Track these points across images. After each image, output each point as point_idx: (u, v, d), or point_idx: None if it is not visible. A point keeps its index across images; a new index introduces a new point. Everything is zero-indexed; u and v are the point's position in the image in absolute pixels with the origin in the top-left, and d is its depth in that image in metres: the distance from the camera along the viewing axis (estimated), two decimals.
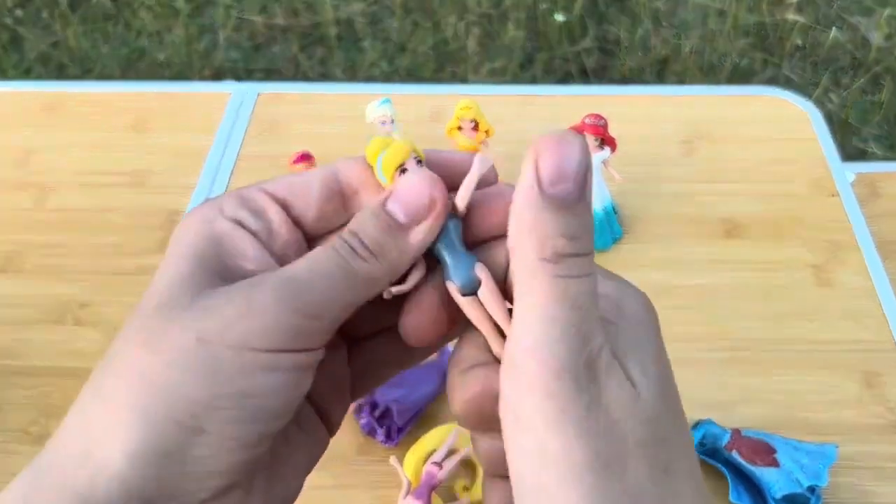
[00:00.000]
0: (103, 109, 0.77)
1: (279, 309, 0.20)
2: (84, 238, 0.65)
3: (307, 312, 0.20)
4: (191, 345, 0.20)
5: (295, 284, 0.21)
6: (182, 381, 0.20)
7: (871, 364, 0.55)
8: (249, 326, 0.20)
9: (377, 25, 1.65)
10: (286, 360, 0.20)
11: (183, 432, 0.20)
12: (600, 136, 0.58)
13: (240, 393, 0.20)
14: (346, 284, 0.21)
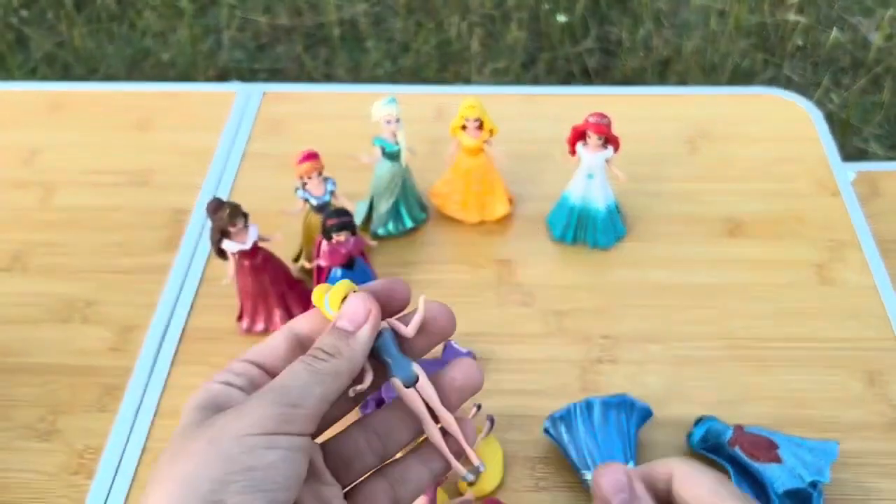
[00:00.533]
0: (108, 109, 0.77)
1: (265, 404, 0.28)
2: (89, 237, 0.66)
3: (287, 402, 0.28)
4: (204, 445, 0.27)
5: (275, 388, 0.28)
6: (200, 470, 0.26)
7: (873, 362, 0.56)
8: (244, 421, 0.27)
9: (380, 26, 1.65)
10: (280, 440, 0.27)
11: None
12: (604, 134, 0.58)
13: (246, 468, 0.26)
14: (314, 379, 0.29)
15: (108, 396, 0.55)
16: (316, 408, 0.29)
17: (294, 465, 0.27)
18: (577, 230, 0.63)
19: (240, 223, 0.53)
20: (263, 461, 0.27)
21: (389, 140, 0.60)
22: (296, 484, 0.28)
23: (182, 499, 0.26)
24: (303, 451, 0.28)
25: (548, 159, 0.70)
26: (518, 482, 0.50)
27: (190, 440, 0.27)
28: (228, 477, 0.26)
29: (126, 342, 0.58)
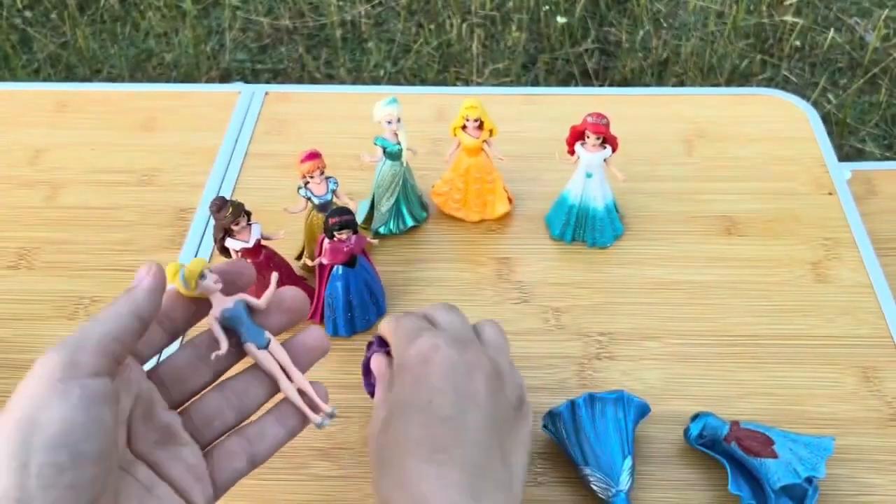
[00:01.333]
0: (113, 109, 0.78)
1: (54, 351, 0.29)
2: (94, 235, 0.66)
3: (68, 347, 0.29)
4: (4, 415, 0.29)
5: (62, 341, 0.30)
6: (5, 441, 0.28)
7: (868, 359, 0.56)
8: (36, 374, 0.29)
9: (382, 27, 1.66)
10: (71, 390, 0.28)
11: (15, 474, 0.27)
12: (602, 134, 0.59)
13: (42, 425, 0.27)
14: (91, 324, 0.31)
15: None
16: (100, 345, 0.30)
17: (92, 412, 0.28)
18: (576, 229, 0.64)
19: (243, 222, 0.54)
20: (55, 414, 0.27)
21: (390, 140, 0.61)
22: (99, 431, 0.28)
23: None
24: (102, 397, 0.29)
25: (547, 159, 0.71)
26: None
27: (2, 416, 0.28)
28: (27, 439, 0.27)
29: None
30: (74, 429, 0.27)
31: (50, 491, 0.26)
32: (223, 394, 0.36)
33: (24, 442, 0.27)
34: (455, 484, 0.33)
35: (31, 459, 0.26)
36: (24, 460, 0.26)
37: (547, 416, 0.51)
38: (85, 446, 0.27)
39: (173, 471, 0.33)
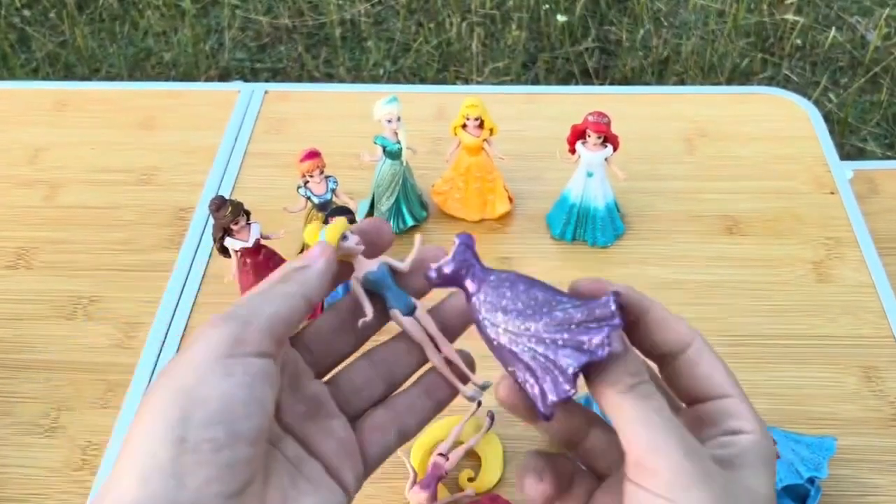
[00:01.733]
0: (112, 108, 0.78)
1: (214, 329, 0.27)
2: (93, 234, 0.66)
3: (237, 321, 0.27)
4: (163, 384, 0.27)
5: (226, 312, 0.28)
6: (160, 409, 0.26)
7: (870, 359, 0.56)
8: (200, 346, 0.27)
9: (381, 26, 1.66)
10: (236, 367, 0.27)
11: (169, 447, 0.25)
12: (603, 133, 0.59)
13: (202, 399, 0.26)
14: (262, 300, 0.29)
15: (111, 393, 0.56)
16: (269, 325, 0.28)
17: (254, 392, 0.27)
18: (577, 228, 0.64)
19: (242, 221, 0.53)
20: (218, 389, 0.26)
21: (390, 139, 0.61)
22: (259, 411, 0.27)
23: (148, 441, 0.25)
24: (264, 376, 0.27)
25: (548, 158, 0.70)
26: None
27: (157, 379, 0.27)
28: (186, 412, 0.25)
29: (129, 339, 0.59)
30: (235, 407, 0.26)
31: (205, 468, 0.25)
32: (371, 362, 0.34)
33: (184, 414, 0.25)
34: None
35: (189, 433, 0.25)
36: (181, 434, 0.25)
37: None
38: (244, 425, 0.26)
39: (323, 446, 0.31)
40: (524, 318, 0.29)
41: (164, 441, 0.25)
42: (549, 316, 0.29)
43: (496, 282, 0.30)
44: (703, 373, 0.29)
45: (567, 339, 0.28)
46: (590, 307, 0.28)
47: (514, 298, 0.29)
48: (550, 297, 0.29)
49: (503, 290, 0.30)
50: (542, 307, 0.29)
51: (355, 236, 0.33)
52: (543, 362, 0.28)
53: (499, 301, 0.30)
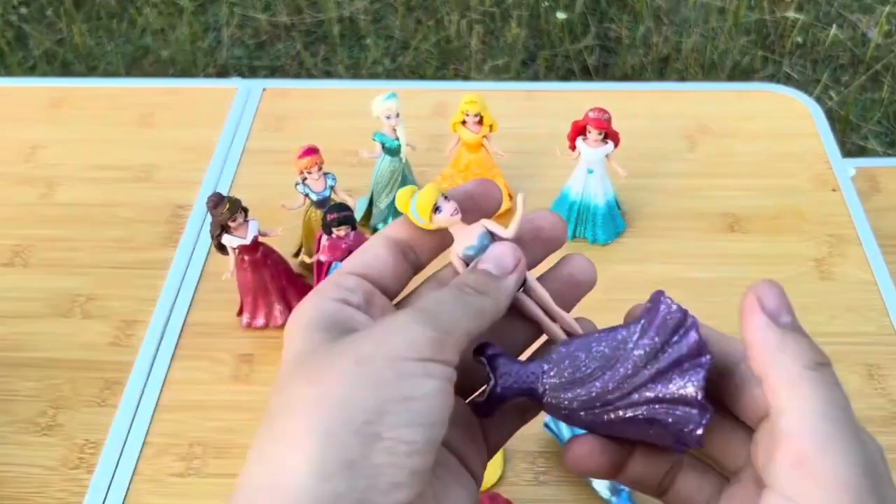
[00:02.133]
0: (109, 105, 0.77)
1: (415, 325, 0.24)
2: (90, 232, 0.66)
3: (439, 328, 0.24)
4: (351, 366, 0.23)
5: (425, 310, 0.25)
6: (352, 395, 0.22)
7: (873, 356, 0.56)
8: (398, 341, 0.23)
9: (380, 23, 1.65)
10: (435, 368, 0.24)
11: (361, 441, 0.22)
12: (604, 130, 0.58)
13: (404, 397, 0.22)
14: (464, 311, 0.25)
15: (108, 391, 0.56)
16: (463, 340, 0.25)
17: (448, 398, 0.24)
18: (577, 225, 0.63)
19: (240, 218, 0.53)
20: (421, 390, 0.23)
21: (389, 136, 0.60)
22: (448, 419, 0.24)
23: (333, 428, 0.22)
24: (451, 382, 0.24)
25: (548, 155, 0.70)
26: (518, 476, 0.50)
27: (331, 358, 0.23)
28: (385, 406, 0.22)
29: (127, 337, 0.59)
30: (433, 412, 0.23)
31: (397, 471, 0.22)
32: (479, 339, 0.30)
33: (382, 408, 0.22)
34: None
35: (387, 431, 0.22)
36: (378, 430, 0.22)
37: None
38: (438, 432, 0.23)
39: (450, 432, 0.26)
40: (611, 382, 0.26)
41: (357, 434, 0.21)
42: (631, 360, 0.26)
43: (555, 368, 0.27)
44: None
45: (664, 367, 0.25)
46: (658, 324, 0.26)
47: (585, 370, 0.26)
48: (612, 341, 0.26)
49: (570, 372, 0.26)
50: (617, 357, 0.26)
51: (451, 204, 0.28)
52: (662, 407, 0.25)
53: (573, 385, 0.26)
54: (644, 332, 0.26)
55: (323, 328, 0.25)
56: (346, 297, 0.26)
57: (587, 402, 0.26)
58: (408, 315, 0.24)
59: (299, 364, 0.24)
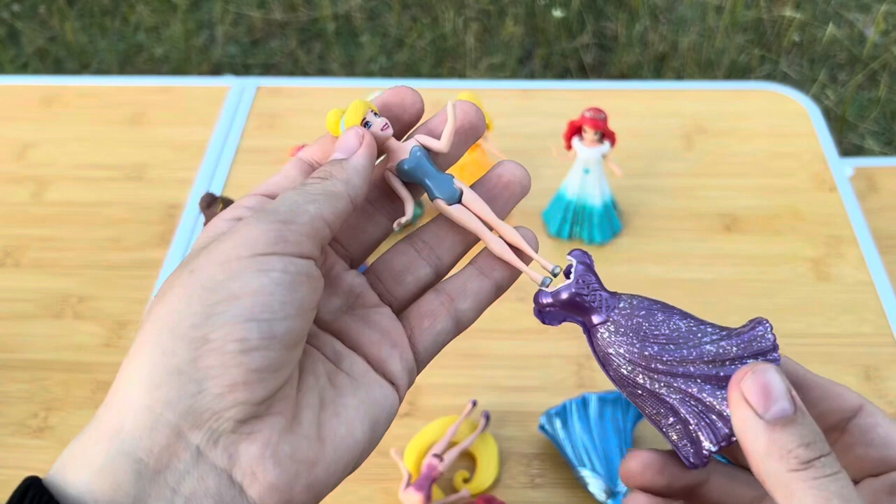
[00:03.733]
0: (101, 103, 0.76)
1: (258, 222, 0.24)
2: (82, 232, 0.65)
3: (274, 219, 0.24)
4: (185, 278, 0.23)
5: (269, 206, 0.25)
6: (181, 305, 0.22)
7: (870, 358, 0.55)
8: (234, 241, 0.23)
9: (375, 21, 1.65)
10: (273, 262, 0.23)
11: (188, 345, 0.22)
12: (600, 129, 0.58)
13: (231, 295, 0.22)
14: (305, 198, 0.25)
15: (100, 392, 0.55)
16: (312, 226, 0.24)
17: (293, 290, 0.23)
18: (574, 225, 0.63)
19: None
20: (250, 286, 0.22)
21: None
22: (298, 311, 0.23)
23: (161, 339, 0.22)
24: (305, 276, 0.24)
25: (544, 154, 0.70)
26: (514, 479, 0.50)
27: (176, 274, 0.23)
28: (211, 308, 0.22)
29: (119, 338, 0.58)
30: (271, 305, 0.22)
31: (231, 371, 0.22)
32: (412, 245, 0.29)
33: (209, 310, 0.22)
34: None
35: (214, 332, 0.22)
36: (205, 332, 0.22)
37: (544, 416, 0.50)
38: (280, 326, 0.22)
39: (363, 338, 0.27)
40: (668, 355, 0.24)
41: (183, 339, 0.22)
42: (699, 350, 0.24)
43: (629, 310, 0.25)
44: (883, 437, 0.25)
45: (723, 376, 0.24)
46: (744, 339, 0.24)
47: (653, 330, 0.25)
48: (694, 326, 0.25)
49: (637, 321, 0.25)
50: (688, 340, 0.25)
51: (381, 119, 0.28)
52: (695, 405, 0.24)
53: (634, 333, 0.25)
54: (727, 338, 0.25)
55: (203, 246, 0.25)
56: (239, 214, 0.26)
57: (634, 358, 0.25)
58: (252, 212, 0.25)
59: (162, 285, 0.24)
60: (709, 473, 0.26)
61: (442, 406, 0.52)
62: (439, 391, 0.53)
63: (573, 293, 0.26)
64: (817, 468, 0.21)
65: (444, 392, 0.53)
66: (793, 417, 0.22)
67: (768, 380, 0.23)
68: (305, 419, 0.24)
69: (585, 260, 0.27)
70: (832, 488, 0.21)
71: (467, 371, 0.54)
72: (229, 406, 0.22)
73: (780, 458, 0.22)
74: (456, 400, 0.52)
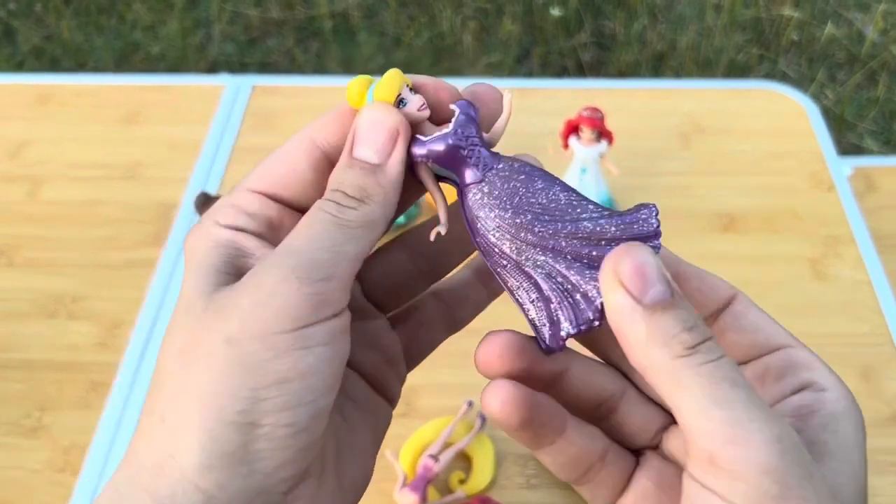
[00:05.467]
0: (97, 102, 0.76)
1: (288, 285, 0.20)
2: (77, 231, 0.65)
3: (315, 277, 0.21)
4: (221, 349, 0.20)
5: (296, 255, 0.21)
6: (222, 385, 0.20)
7: (868, 358, 0.55)
8: (266, 313, 0.20)
9: (373, 19, 1.64)
10: (317, 335, 0.21)
11: (238, 431, 0.20)
12: (598, 128, 0.58)
13: (279, 379, 0.20)
14: (344, 237, 0.21)
15: (94, 393, 0.55)
16: (350, 273, 0.21)
17: (336, 361, 0.21)
18: None
19: None
20: (298, 368, 0.20)
21: None
22: (338, 381, 0.21)
23: (208, 422, 0.20)
24: (341, 335, 0.21)
25: (541, 154, 0.69)
26: (509, 479, 0.49)
27: (202, 334, 0.21)
28: (258, 394, 0.20)
29: (113, 338, 0.58)
30: (316, 385, 0.21)
31: (282, 453, 0.20)
32: (409, 248, 0.26)
33: (257, 395, 0.20)
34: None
35: (263, 418, 0.20)
36: (254, 419, 0.20)
37: None
38: (324, 402, 0.21)
39: (363, 357, 0.25)
40: (540, 224, 0.22)
41: (231, 426, 0.20)
42: (574, 225, 0.22)
43: (507, 172, 0.22)
44: (753, 323, 0.23)
45: (595, 256, 0.21)
46: (626, 220, 0.22)
47: (530, 197, 0.22)
48: (575, 200, 0.22)
49: (514, 185, 0.22)
50: (566, 213, 0.22)
51: (417, 96, 0.23)
52: (561, 283, 0.21)
53: (508, 198, 0.22)
54: (608, 218, 0.22)
55: (212, 267, 0.22)
56: (242, 224, 0.22)
57: (503, 224, 0.22)
58: (278, 267, 0.21)
59: (179, 329, 0.21)
60: (570, 362, 0.24)
61: (438, 406, 0.52)
62: (435, 392, 0.53)
63: (450, 144, 0.22)
64: (703, 353, 0.20)
65: (439, 392, 0.53)
66: (672, 301, 0.20)
67: (644, 261, 0.20)
68: (328, 472, 0.23)
69: (469, 112, 0.23)
70: (719, 373, 0.19)
71: (463, 371, 0.54)
72: (278, 483, 0.21)
73: (664, 345, 0.20)
74: (452, 400, 0.52)
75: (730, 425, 0.19)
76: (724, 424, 0.19)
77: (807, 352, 0.23)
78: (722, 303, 0.24)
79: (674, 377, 0.20)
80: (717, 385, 0.19)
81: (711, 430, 0.19)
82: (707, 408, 0.19)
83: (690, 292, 0.24)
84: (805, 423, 0.21)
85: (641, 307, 0.20)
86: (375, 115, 0.22)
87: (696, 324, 0.20)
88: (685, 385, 0.19)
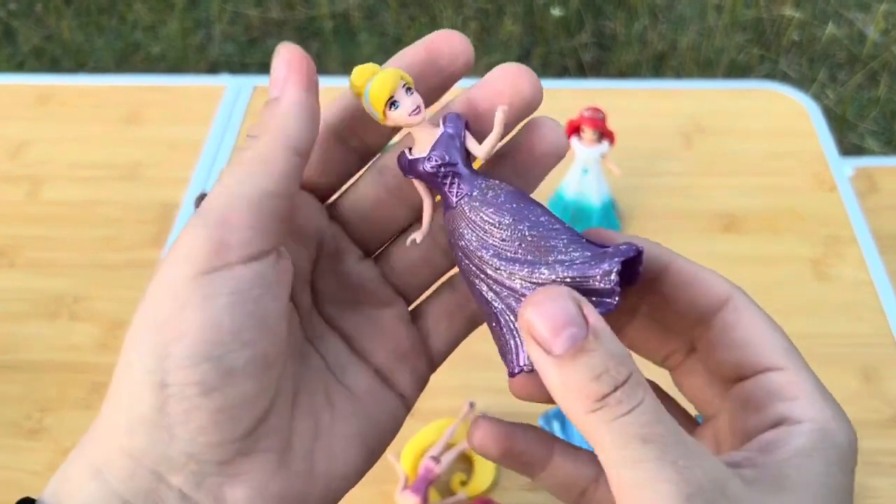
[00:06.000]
0: (97, 102, 0.76)
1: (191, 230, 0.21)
2: (77, 231, 0.65)
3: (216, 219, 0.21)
4: (141, 310, 0.21)
5: (200, 209, 0.21)
6: (135, 342, 0.21)
7: (869, 358, 0.55)
8: (176, 257, 0.21)
9: (373, 19, 1.64)
10: (217, 281, 0.20)
11: (151, 391, 0.20)
12: (599, 129, 0.58)
13: (180, 333, 0.20)
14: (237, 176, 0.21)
15: (95, 394, 0.55)
16: (256, 211, 0.20)
17: (246, 314, 0.20)
18: (572, 225, 0.63)
19: None
20: (198, 318, 0.19)
21: None
22: (258, 334, 0.20)
23: (129, 384, 0.20)
24: (261, 287, 0.20)
25: None
26: (511, 481, 0.49)
27: (136, 315, 0.21)
28: (164, 350, 0.20)
29: (114, 338, 0.58)
30: (222, 337, 0.19)
31: (195, 415, 0.19)
32: (429, 234, 0.25)
33: (161, 354, 0.19)
34: None
35: (170, 377, 0.19)
36: (161, 378, 0.19)
37: (542, 418, 0.50)
38: (236, 359, 0.20)
39: (373, 345, 0.24)
40: (500, 261, 0.21)
41: (145, 387, 0.20)
42: (530, 268, 0.21)
43: (478, 201, 0.22)
44: (741, 337, 0.22)
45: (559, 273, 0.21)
46: (586, 271, 0.20)
47: (493, 230, 0.22)
48: (546, 234, 0.22)
49: (482, 217, 0.22)
50: (530, 249, 0.21)
51: (413, 96, 0.22)
52: (513, 321, 0.21)
53: (474, 230, 0.22)
54: (568, 265, 0.21)
55: None
56: None
57: (468, 254, 0.22)
58: (187, 226, 0.21)
59: None
60: (552, 452, 0.24)
61: (439, 408, 0.52)
62: (436, 393, 0.52)
63: (425, 171, 0.22)
64: (612, 406, 0.18)
65: (441, 393, 0.53)
66: (582, 345, 0.19)
67: (556, 309, 0.19)
68: (298, 452, 0.22)
69: (456, 127, 0.22)
70: (630, 430, 0.18)
71: (465, 372, 0.54)
72: (203, 449, 0.20)
73: (575, 399, 0.19)
74: (453, 401, 0.52)
75: (638, 487, 0.18)
76: (632, 486, 0.18)
77: (793, 373, 0.21)
78: (716, 303, 0.23)
79: (586, 432, 0.19)
80: (626, 444, 0.18)
81: (621, 489, 0.19)
82: (618, 466, 0.18)
83: (680, 286, 0.23)
84: (770, 457, 0.20)
85: (551, 359, 0.19)
86: (274, 60, 0.23)
87: (607, 367, 0.19)
88: (596, 441, 0.19)
